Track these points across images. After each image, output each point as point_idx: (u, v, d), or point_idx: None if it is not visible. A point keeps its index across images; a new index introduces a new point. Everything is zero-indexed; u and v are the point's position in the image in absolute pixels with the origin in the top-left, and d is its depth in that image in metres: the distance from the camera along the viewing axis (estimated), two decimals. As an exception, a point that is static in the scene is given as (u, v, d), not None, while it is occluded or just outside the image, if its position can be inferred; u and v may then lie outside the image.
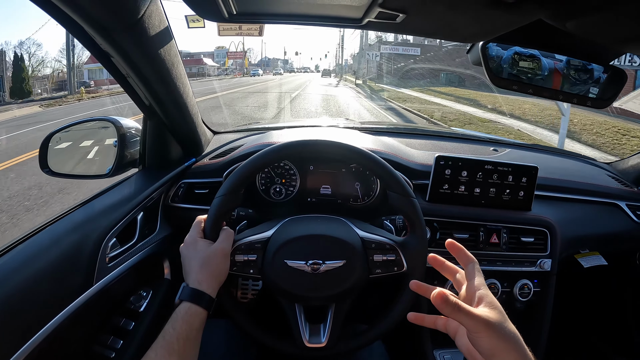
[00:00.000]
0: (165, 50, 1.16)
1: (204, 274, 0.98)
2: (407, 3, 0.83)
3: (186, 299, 0.94)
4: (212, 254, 1.00)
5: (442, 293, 0.73)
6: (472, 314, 0.71)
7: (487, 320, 0.71)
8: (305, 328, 1.07)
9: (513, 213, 1.50)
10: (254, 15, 1.01)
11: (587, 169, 1.95)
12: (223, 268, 1.02)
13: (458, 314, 0.72)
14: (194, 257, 1.01)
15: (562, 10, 0.78)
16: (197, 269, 0.98)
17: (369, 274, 1.08)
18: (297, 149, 1.12)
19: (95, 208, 1.26)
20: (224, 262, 1.02)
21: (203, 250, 1.01)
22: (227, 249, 1.03)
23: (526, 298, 1.49)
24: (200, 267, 0.99)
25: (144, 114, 1.40)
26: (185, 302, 0.94)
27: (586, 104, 1.04)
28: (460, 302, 0.73)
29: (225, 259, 1.03)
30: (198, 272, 0.98)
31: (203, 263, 0.99)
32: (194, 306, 0.93)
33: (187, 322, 0.91)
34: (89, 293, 1.10)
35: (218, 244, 1.02)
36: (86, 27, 0.95)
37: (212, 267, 0.99)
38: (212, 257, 1.00)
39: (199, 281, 0.97)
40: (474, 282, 0.80)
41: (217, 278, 1.00)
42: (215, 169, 1.54)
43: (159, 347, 0.87)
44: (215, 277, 1.00)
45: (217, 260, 1.01)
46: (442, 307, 0.73)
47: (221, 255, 1.01)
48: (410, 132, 2.18)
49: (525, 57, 1.01)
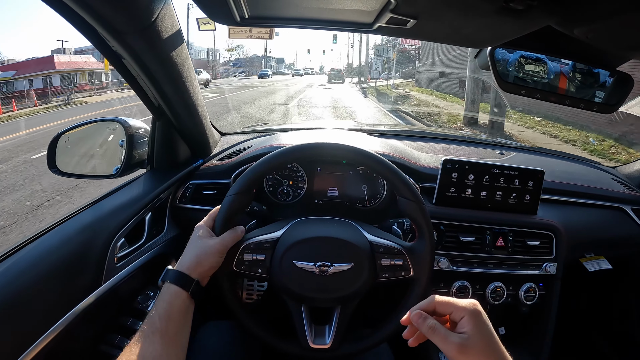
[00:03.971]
0: (177, 53, 1.16)
1: (193, 264, 0.98)
2: (419, 9, 0.84)
3: (169, 280, 0.95)
4: (210, 246, 1.00)
5: (418, 313, 0.80)
6: (445, 339, 0.76)
7: (460, 344, 0.74)
8: (310, 329, 1.08)
9: (519, 216, 1.50)
10: (265, 19, 1.01)
11: (593, 173, 1.95)
12: (213, 262, 1.00)
13: (433, 336, 0.78)
14: (193, 245, 1.01)
15: (571, 17, 0.79)
16: (188, 258, 0.99)
17: (376, 277, 1.08)
18: (309, 152, 1.12)
19: (104, 208, 1.27)
20: (217, 258, 1.01)
21: (203, 238, 1.02)
22: (224, 249, 1.02)
23: (531, 301, 1.49)
24: (191, 257, 0.99)
25: (152, 115, 1.41)
26: (167, 283, 0.94)
27: (593, 109, 1.04)
28: (436, 325, 0.78)
29: (221, 255, 1.02)
30: (188, 261, 0.98)
31: (196, 256, 0.99)
32: (173, 286, 0.93)
33: (167, 302, 0.91)
34: (98, 292, 1.11)
35: (218, 239, 1.02)
36: (99, 29, 0.96)
37: (201, 258, 0.99)
38: (208, 248, 1.00)
39: (187, 267, 0.97)
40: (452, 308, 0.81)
41: (203, 267, 0.99)
42: (224, 170, 1.55)
43: (143, 324, 0.87)
44: (203, 267, 0.99)
45: (212, 251, 1.00)
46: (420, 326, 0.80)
47: (218, 250, 1.01)
48: (416, 134, 2.18)
49: (531, 60, 1.01)
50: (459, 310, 0.79)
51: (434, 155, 1.71)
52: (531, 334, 1.58)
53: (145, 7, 0.96)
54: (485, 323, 0.77)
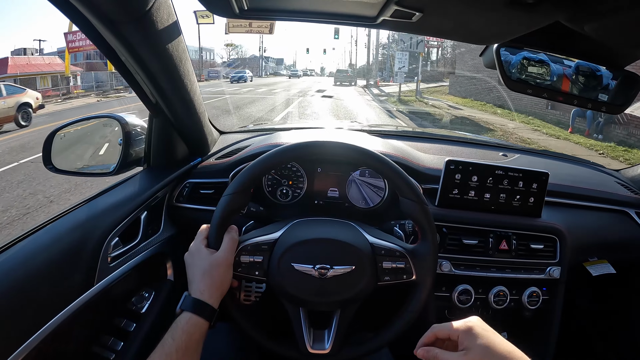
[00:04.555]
0: (174, 46, 1.14)
1: (206, 283, 0.97)
2: (425, 1, 0.82)
3: (187, 309, 0.93)
4: (215, 264, 0.99)
5: (423, 350, 0.87)
6: None
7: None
8: (309, 333, 1.06)
9: (523, 219, 1.48)
10: (266, 12, 0.99)
11: (597, 176, 1.93)
12: (226, 278, 1.00)
13: None
14: (198, 266, 1.00)
15: (582, 12, 0.77)
16: (199, 278, 0.97)
17: (377, 280, 1.06)
18: (309, 150, 1.10)
19: (98, 206, 1.25)
20: (226, 272, 1.00)
21: (206, 259, 1.00)
22: (230, 258, 1.01)
23: (535, 306, 1.47)
24: (203, 276, 0.98)
25: (150, 112, 1.39)
26: (186, 312, 0.93)
27: (601, 109, 1.04)
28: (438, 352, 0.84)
29: (228, 268, 1.01)
30: (200, 282, 0.97)
31: (205, 272, 0.98)
32: (195, 316, 0.92)
33: (187, 332, 0.90)
34: (90, 293, 1.08)
35: (221, 253, 1.00)
36: (93, 19, 0.94)
37: (214, 277, 0.98)
38: (215, 267, 0.99)
39: (200, 291, 0.96)
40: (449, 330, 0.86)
41: (219, 288, 0.99)
42: (222, 169, 1.53)
43: (156, 356, 0.86)
44: (218, 287, 0.98)
45: (220, 270, 0.99)
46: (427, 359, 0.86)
47: (224, 265, 1.00)
48: (418, 135, 2.18)
49: (534, 62, 1.00)
50: (454, 330, 0.85)
51: (436, 156, 1.70)
52: (534, 339, 1.56)
53: None
54: (479, 334, 0.82)
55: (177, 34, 1.15)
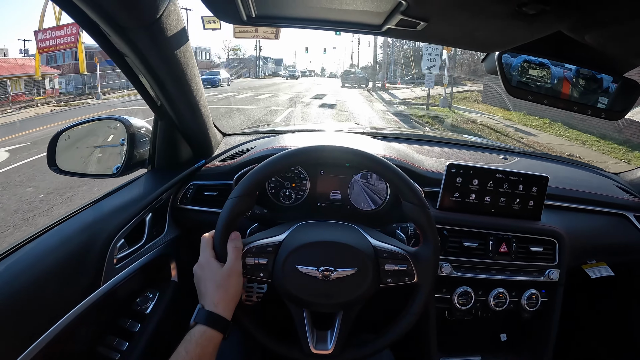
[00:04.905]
0: (181, 52, 1.16)
1: (220, 296, 0.97)
2: (430, 11, 0.83)
3: (202, 322, 0.93)
4: (226, 276, 1.00)
5: None
6: None
7: None
8: (312, 334, 1.07)
9: (522, 222, 1.50)
10: (273, 19, 1.00)
11: (596, 179, 1.95)
12: (237, 288, 1.01)
13: None
14: (209, 278, 1.00)
15: (583, 23, 0.78)
16: (212, 291, 0.98)
17: (379, 283, 1.07)
18: (313, 154, 1.11)
19: (104, 208, 1.26)
20: (238, 283, 1.01)
21: (217, 272, 1.00)
22: (239, 268, 1.02)
23: (534, 308, 1.49)
24: (216, 289, 0.98)
25: (155, 114, 1.40)
26: (200, 325, 0.93)
27: (600, 116, 1.04)
28: None
29: (239, 278, 1.02)
30: (214, 295, 0.97)
31: (219, 286, 0.98)
32: (210, 330, 0.93)
33: (201, 345, 0.90)
34: (97, 294, 1.10)
35: (230, 264, 1.01)
36: (103, 25, 0.95)
37: (228, 289, 0.99)
38: (226, 279, 0.99)
39: (214, 303, 0.96)
40: None
41: (232, 300, 1.00)
42: (226, 172, 1.54)
43: None
44: (231, 299, 0.99)
45: (232, 281, 1.00)
46: None
47: (235, 276, 1.01)
48: (420, 138, 2.19)
49: (534, 65, 1.00)
50: None
51: (437, 159, 1.71)
52: (533, 341, 1.58)
53: (151, 4, 0.95)
54: None
55: (185, 40, 1.16)
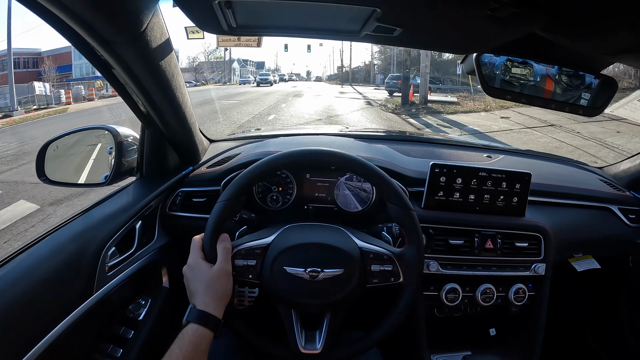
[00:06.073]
0: (166, 62, 1.17)
1: (210, 296, 0.99)
2: (404, 17, 0.85)
3: (194, 320, 0.95)
4: (216, 276, 1.01)
5: None
6: None
7: None
8: (300, 334, 1.09)
9: (507, 219, 1.52)
10: (254, 28, 1.01)
11: (580, 174, 1.97)
12: (227, 288, 1.03)
13: None
14: (199, 279, 1.02)
15: (555, 24, 0.80)
16: (202, 291, 1.00)
17: (366, 283, 1.09)
18: (297, 158, 1.13)
19: (94, 217, 1.27)
20: (227, 283, 1.03)
21: (206, 272, 1.02)
22: (228, 268, 1.04)
23: (521, 302, 1.51)
24: (206, 289, 1.00)
25: (142, 123, 1.41)
26: (192, 323, 0.95)
27: (578, 112, 1.06)
28: None
29: (228, 278, 1.03)
30: (204, 294, 0.99)
31: (208, 286, 1.00)
32: (201, 328, 0.94)
33: (194, 343, 0.92)
34: (90, 302, 1.10)
35: (219, 265, 1.03)
36: (89, 39, 0.96)
37: (217, 289, 1.01)
38: (216, 279, 1.01)
39: (205, 303, 0.98)
40: None
41: (222, 299, 1.01)
42: (213, 178, 1.55)
43: None
44: (221, 298, 1.01)
45: (222, 281, 1.02)
46: None
47: (224, 276, 1.02)
48: (404, 139, 2.20)
49: (517, 63, 1.02)
50: None
51: (421, 159, 1.72)
52: (522, 334, 1.60)
53: (135, 18, 0.96)
54: None
55: (169, 51, 1.17)
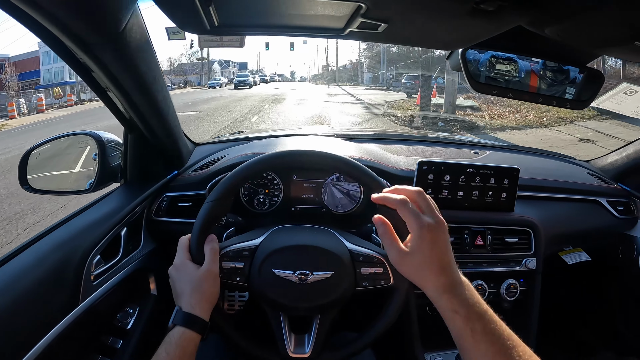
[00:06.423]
0: (147, 63, 1.14)
1: (196, 297, 0.97)
2: (389, 13, 0.84)
3: (180, 323, 0.93)
4: (203, 277, 0.99)
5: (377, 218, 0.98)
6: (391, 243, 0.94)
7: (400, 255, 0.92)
8: (289, 338, 1.07)
9: (496, 214, 1.52)
10: (236, 27, 1.00)
11: (567, 168, 1.98)
12: (214, 290, 1.01)
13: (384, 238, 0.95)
14: (185, 280, 1.00)
15: (541, 17, 0.80)
16: (189, 293, 0.97)
17: (355, 286, 1.07)
18: (282, 160, 1.11)
19: (78, 225, 1.24)
20: (214, 284, 1.01)
21: (193, 273, 1.00)
22: (215, 269, 1.02)
23: (513, 297, 1.51)
24: (192, 291, 0.98)
25: (124, 128, 1.38)
26: (179, 326, 0.93)
27: (565, 106, 1.06)
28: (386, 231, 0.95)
29: (215, 280, 1.01)
30: (190, 296, 0.97)
31: (195, 287, 0.98)
32: (188, 331, 0.92)
33: (181, 346, 0.90)
34: (76, 312, 1.08)
35: (207, 266, 1.00)
36: (66, 41, 0.94)
37: (204, 291, 0.98)
38: (203, 281, 0.99)
39: (192, 305, 0.96)
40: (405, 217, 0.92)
41: (209, 301, 0.99)
42: (198, 182, 1.53)
43: None
44: (207, 300, 0.99)
45: (208, 283, 0.99)
46: None
47: (211, 278, 1.00)
48: (391, 138, 2.19)
49: (502, 59, 1.02)
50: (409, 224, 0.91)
51: (409, 157, 1.72)
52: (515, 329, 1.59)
53: (113, 17, 0.93)
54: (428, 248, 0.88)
55: (150, 52, 1.15)
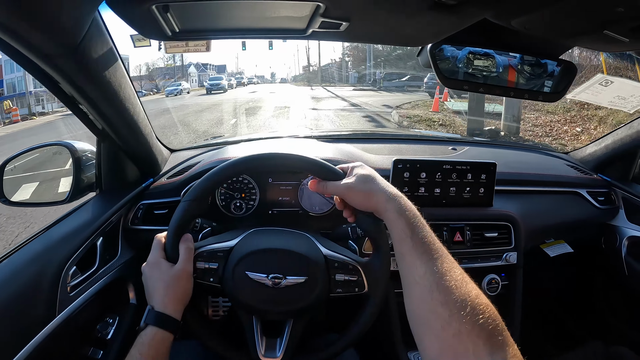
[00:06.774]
0: (111, 72, 1.13)
1: (169, 297, 0.96)
2: (349, 11, 0.83)
3: (152, 323, 0.92)
4: (176, 276, 0.98)
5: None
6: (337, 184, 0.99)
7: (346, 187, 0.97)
8: (261, 341, 1.06)
9: (475, 210, 1.52)
10: (198, 32, 1.00)
11: (546, 160, 1.99)
12: (187, 289, 1.00)
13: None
14: (158, 278, 0.98)
15: (505, 8, 0.80)
16: (162, 292, 0.96)
17: (329, 292, 1.06)
18: (254, 163, 1.09)
19: (53, 236, 1.23)
20: (187, 284, 1.00)
21: (166, 272, 0.98)
22: (189, 269, 1.01)
23: (495, 292, 1.52)
24: (165, 290, 0.96)
25: (97, 137, 1.37)
26: (151, 326, 0.92)
27: (538, 99, 1.06)
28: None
29: (189, 279, 1.00)
30: (163, 296, 0.96)
31: (168, 286, 0.97)
32: (161, 331, 0.91)
33: (154, 347, 0.89)
34: (52, 325, 1.07)
35: (181, 265, 0.99)
36: (28, 54, 0.92)
37: (177, 290, 0.97)
38: (176, 280, 0.98)
39: (164, 304, 0.95)
40: None
41: (182, 300, 0.98)
42: (173, 188, 1.52)
43: None
44: (180, 300, 0.98)
45: (182, 282, 0.98)
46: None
47: (185, 277, 0.99)
48: (368, 137, 2.20)
49: (479, 55, 1.02)
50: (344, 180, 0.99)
51: (385, 156, 1.72)
52: None
53: (71, 27, 0.92)
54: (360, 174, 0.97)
55: (114, 60, 1.13)
